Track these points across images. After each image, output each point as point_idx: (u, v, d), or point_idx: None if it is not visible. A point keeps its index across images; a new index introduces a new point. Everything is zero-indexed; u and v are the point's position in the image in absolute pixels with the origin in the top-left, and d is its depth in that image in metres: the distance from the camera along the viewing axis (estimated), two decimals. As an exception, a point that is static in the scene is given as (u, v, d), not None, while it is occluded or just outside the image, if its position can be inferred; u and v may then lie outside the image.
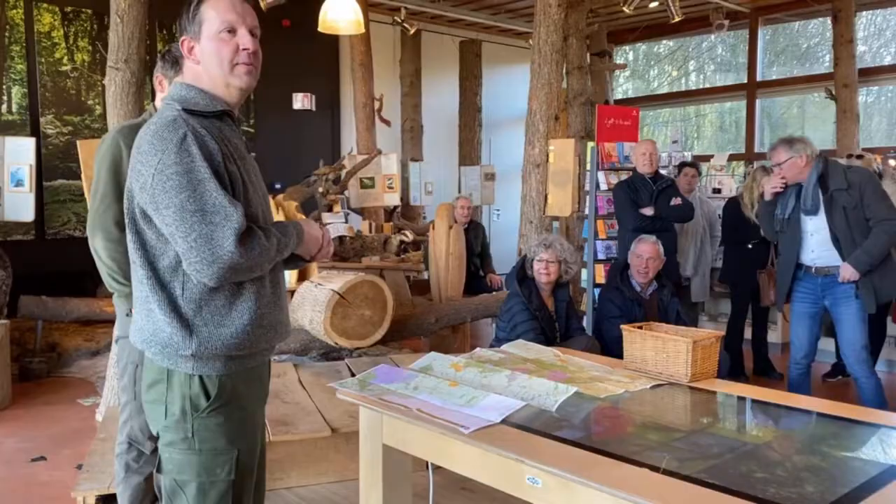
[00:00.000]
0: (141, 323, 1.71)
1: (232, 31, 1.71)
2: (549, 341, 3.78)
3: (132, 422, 2.52)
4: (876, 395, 3.82)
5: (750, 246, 5.23)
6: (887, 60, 9.15)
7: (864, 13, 9.10)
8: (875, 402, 3.74)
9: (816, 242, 3.87)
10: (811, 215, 3.85)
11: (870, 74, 8.88)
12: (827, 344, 5.53)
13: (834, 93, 8.68)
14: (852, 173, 3.82)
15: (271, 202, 4.93)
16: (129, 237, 1.71)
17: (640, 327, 2.82)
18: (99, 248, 2.43)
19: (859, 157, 5.41)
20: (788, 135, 4.08)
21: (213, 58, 1.70)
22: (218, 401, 1.70)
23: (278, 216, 4.92)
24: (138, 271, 1.70)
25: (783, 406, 2.42)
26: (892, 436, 2.16)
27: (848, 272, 3.75)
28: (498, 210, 10.86)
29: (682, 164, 5.88)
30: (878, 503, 1.66)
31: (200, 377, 1.68)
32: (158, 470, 1.75)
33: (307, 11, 7.44)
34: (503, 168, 9.90)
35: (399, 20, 8.68)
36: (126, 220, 1.72)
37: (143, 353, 1.76)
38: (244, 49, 1.72)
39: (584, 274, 5.72)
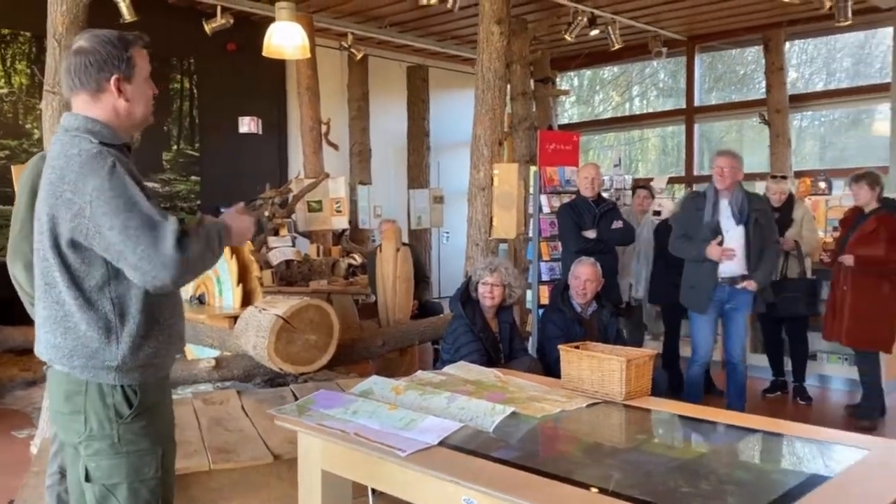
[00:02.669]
0: (56, 340, 1.80)
1: (148, 78, 1.91)
2: (492, 362, 3.82)
3: (63, 452, 2.46)
4: (744, 379, 4.63)
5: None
6: (819, 86, 9.55)
7: (795, 41, 9.49)
8: (741, 386, 4.59)
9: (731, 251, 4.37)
10: (738, 224, 4.37)
11: (802, 100, 9.25)
12: (763, 360, 5.72)
13: (767, 118, 9.02)
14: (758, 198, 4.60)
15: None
16: (48, 262, 1.78)
17: (578, 347, 2.88)
18: (19, 275, 2.39)
19: (783, 177, 5.63)
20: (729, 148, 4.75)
21: (143, 99, 1.88)
22: (140, 407, 1.81)
23: (221, 241, 4.88)
24: (59, 293, 1.78)
25: (712, 422, 2.49)
26: (813, 448, 2.25)
27: (753, 285, 4.41)
28: (447, 232, 10.92)
29: (635, 187, 6.01)
30: (795, 513, 1.73)
31: (122, 387, 1.80)
32: (87, 480, 1.82)
33: (253, 35, 7.44)
34: (452, 191, 9.98)
35: (346, 45, 8.73)
36: (43, 246, 1.79)
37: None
38: (154, 94, 1.94)
39: (529, 295, 5.80)
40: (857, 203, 4.84)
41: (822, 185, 7.35)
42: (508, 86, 7.56)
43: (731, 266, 4.42)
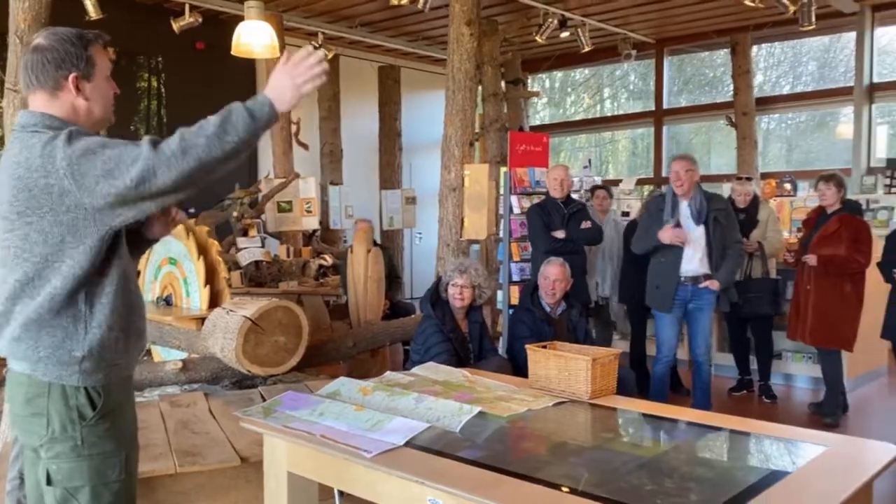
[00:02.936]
0: (28, 343, 1.75)
1: (109, 76, 1.88)
2: (462, 363, 3.83)
3: (24, 456, 2.42)
4: (708, 377, 4.73)
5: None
6: (785, 89, 9.71)
7: (763, 45, 9.64)
8: (706, 385, 4.69)
9: (692, 252, 4.50)
10: (698, 225, 4.48)
11: (769, 103, 9.40)
12: (729, 359, 5.80)
13: (734, 120, 9.15)
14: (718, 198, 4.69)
15: (181, 227, 4.84)
16: (27, 265, 1.74)
17: (545, 346, 2.89)
18: None
19: (748, 179, 5.72)
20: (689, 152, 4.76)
21: (103, 98, 1.86)
22: (103, 409, 1.79)
23: (188, 241, 4.83)
24: (37, 295, 1.74)
25: (677, 420, 2.52)
26: (775, 445, 2.28)
27: (715, 284, 4.52)
28: (420, 233, 10.93)
29: (594, 188, 6.07)
30: (754, 509, 1.76)
31: (86, 388, 1.77)
32: (48, 483, 1.79)
33: (222, 34, 7.39)
34: (424, 192, 9.99)
35: (316, 45, 8.68)
36: (17, 250, 1.75)
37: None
38: (115, 94, 1.91)
39: (500, 296, 5.81)
40: (823, 203, 4.93)
41: (788, 186, 7.49)
42: (479, 87, 7.59)
43: (694, 265, 4.52)
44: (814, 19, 7.12)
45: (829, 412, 4.91)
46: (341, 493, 2.60)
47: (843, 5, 7.83)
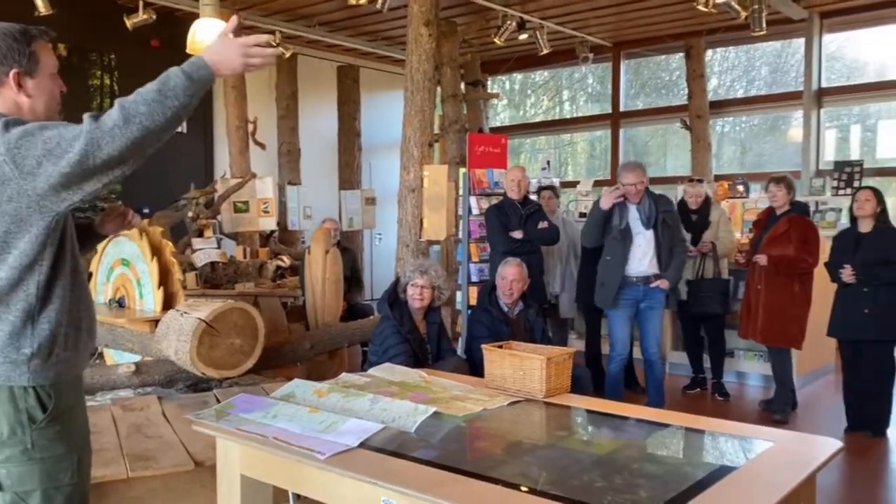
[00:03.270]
0: None
1: (54, 73, 1.84)
2: (420, 363, 3.83)
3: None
4: (661, 374, 4.88)
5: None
6: (739, 93, 9.92)
7: (717, 49, 9.84)
8: (659, 382, 4.80)
9: (642, 252, 4.65)
10: (647, 229, 4.61)
11: (723, 106, 9.59)
12: (683, 358, 5.91)
13: (689, 123, 9.32)
14: (665, 200, 4.82)
15: (135, 229, 4.75)
16: None
17: (502, 346, 2.91)
18: None
19: (698, 181, 5.84)
20: (636, 161, 5.04)
21: (46, 95, 1.81)
22: (54, 412, 1.76)
23: (142, 242, 4.75)
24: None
25: (629, 418, 2.56)
26: (724, 441, 2.34)
27: (666, 286, 4.68)
28: (380, 234, 10.89)
29: (540, 189, 6.12)
30: (701, 501, 1.80)
31: (35, 389, 1.74)
32: None
33: (177, 32, 7.26)
34: (384, 192, 9.95)
35: (274, 44, 8.61)
36: None
37: None
38: (62, 91, 1.87)
39: (459, 296, 5.83)
40: (773, 204, 5.04)
41: (740, 188, 7.65)
42: (439, 88, 7.61)
43: (644, 267, 4.66)
44: (764, 25, 7.29)
45: (779, 409, 5.04)
46: (297, 496, 2.59)
47: (793, 12, 8.03)
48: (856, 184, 7.32)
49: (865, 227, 4.57)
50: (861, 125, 9.02)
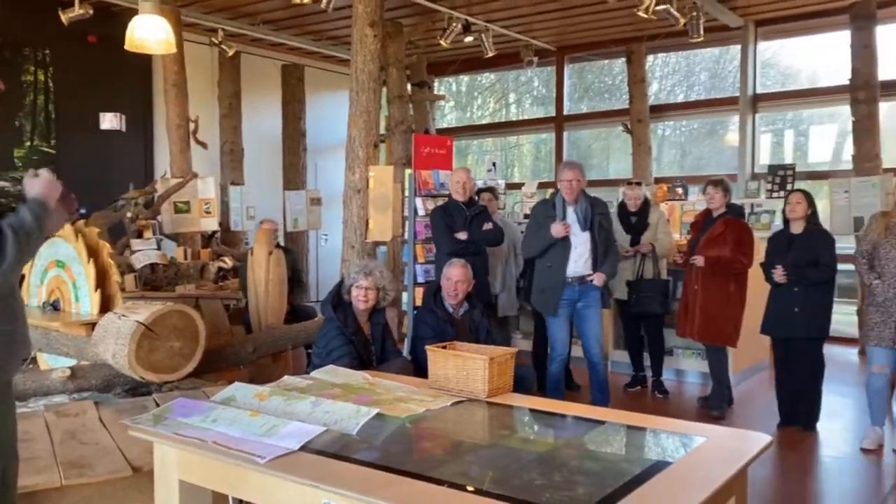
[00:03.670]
0: None
1: None
2: (364, 365, 3.82)
3: None
4: (604, 374, 4.94)
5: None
6: (680, 98, 10.17)
7: (659, 55, 10.06)
8: (602, 381, 4.85)
9: (579, 254, 4.72)
10: (583, 230, 4.70)
11: (663, 111, 9.82)
12: (625, 357, 6.03)
13: (630, 127, 9.51)
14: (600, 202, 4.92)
15: (69, 228, 4.61)
16: None
17: (446, 347, 2.93)
18: None
19: (637, 184, 5.97)
20: (576, 160, 4.91)
21: None
22: None
23: (77, 244, 4.61)
24: None
25: (569, 416, 2.61)
26: (660, 437, 2.40)
27: (601, 280, 4.73)
28: (326, 235, 10.80)
29: (479, 191, 6.16)
30: (637, 496, 1.84)
31: None
32: None
33: (115, 27, 7.05)
34: (330, 193, 9.86)
35: (216, 41, 8.46)
36: None
37: None
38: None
39: (405, 297, 5.83)
40: (711, 206, 5.18)
41: (679, 190, 7.84)
42: (384, 88, 7.59)
43: (580, 267, 4.74)
44: (702, 32, 7.49)
45: (716, 405, 5.18)
46: (238, 501, 2.55)
47: (729, 19, 8.28)
48: (788, 187, 7.57)
49: (797, 228, 4.74)
50: (794, 130, 9.36)
